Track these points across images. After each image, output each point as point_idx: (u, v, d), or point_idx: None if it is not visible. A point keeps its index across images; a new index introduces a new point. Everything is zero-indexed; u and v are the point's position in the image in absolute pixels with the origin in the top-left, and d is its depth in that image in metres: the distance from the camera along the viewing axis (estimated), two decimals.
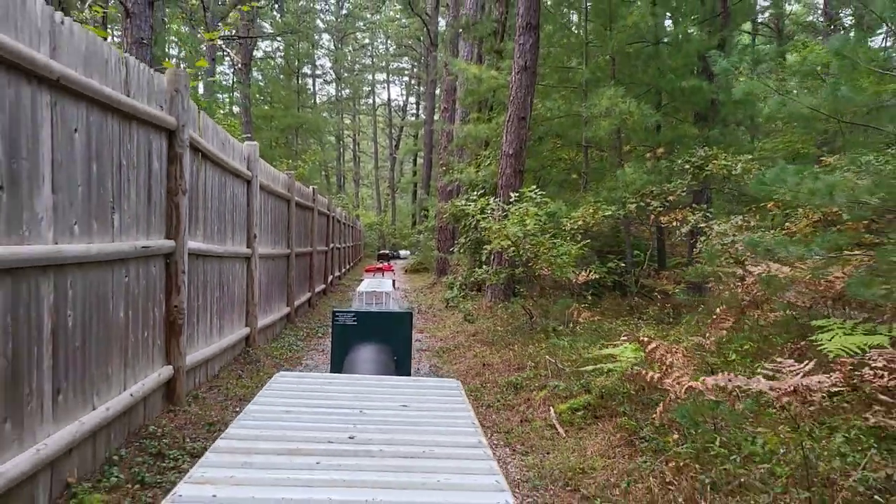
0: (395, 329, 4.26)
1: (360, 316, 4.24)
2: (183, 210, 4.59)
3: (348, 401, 2.27)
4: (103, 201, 3.49)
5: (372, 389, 2.45)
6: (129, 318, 3.84)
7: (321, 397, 2.31)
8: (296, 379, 2.59)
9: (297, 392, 2.38)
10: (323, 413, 2.10)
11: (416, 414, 2.15)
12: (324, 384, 2.51)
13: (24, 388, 2.74)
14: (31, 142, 2.78)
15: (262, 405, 2.18)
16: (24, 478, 2.65)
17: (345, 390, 2.43)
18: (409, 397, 2.35)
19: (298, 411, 2.11)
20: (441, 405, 2.28)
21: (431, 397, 2.38)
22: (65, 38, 3.08)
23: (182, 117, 4.55)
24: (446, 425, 2.03)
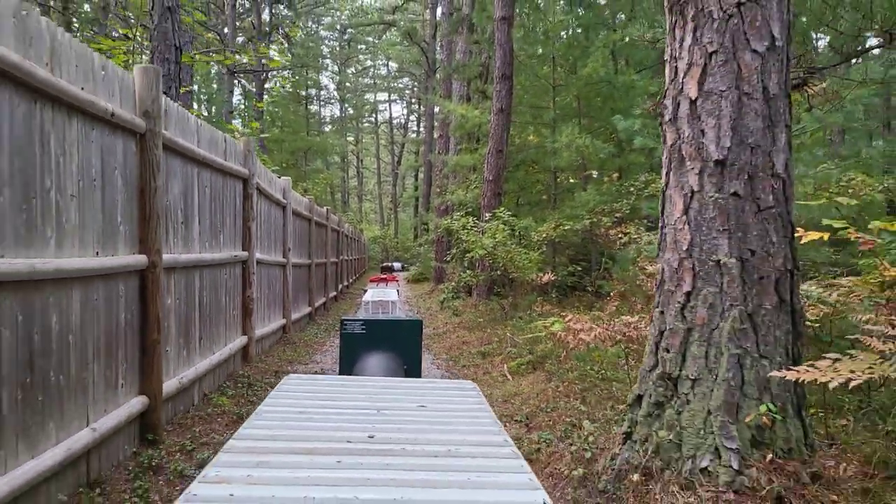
0: (404, 337, 4.19)
1: (368, 324, 4.19)
2: (254, 231, 6.83)
3: (363, 401, 2.21)
4: (216, 228, 5.72)
5: (387, 390, 2.39)
6: (226, 301, 6.06)
7: (335, 398, 2.26)
8: (307, 381, 2.54)
9: (310, 393, 2.32)
10: (338, 413, 2.04)
11: (435, 414, 2.09)
12: (336, 386, 2.47)
13: (190, 333, 4.96)
14: (191, 197, 5.01)
15: (273, 406, 2.13)
16: (189, 384, 4.86)
17: (359, 391, 2.37)
18: (425, 398, 2.29)
19: (313, 412, 2.05)
20: (459, 405, 2.22)
21: (448, 398, 2.32)
22: (205, 133, 5.32)
23: (252, 169, 6.79)
24: (467, 424, 1.97)
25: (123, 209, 3.80)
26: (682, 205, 2.93)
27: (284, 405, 2.13)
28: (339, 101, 50.67)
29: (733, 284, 2.76)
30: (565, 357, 6.09)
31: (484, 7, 14.37)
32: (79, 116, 3.29)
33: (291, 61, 28.67)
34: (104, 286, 3.54)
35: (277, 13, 30.73)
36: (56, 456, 2.95)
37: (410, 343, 4.22)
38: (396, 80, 51.78)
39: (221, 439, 4.28)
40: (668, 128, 3.04)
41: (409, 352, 4.19)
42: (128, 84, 3.92)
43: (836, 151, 7.42)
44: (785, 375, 2.42)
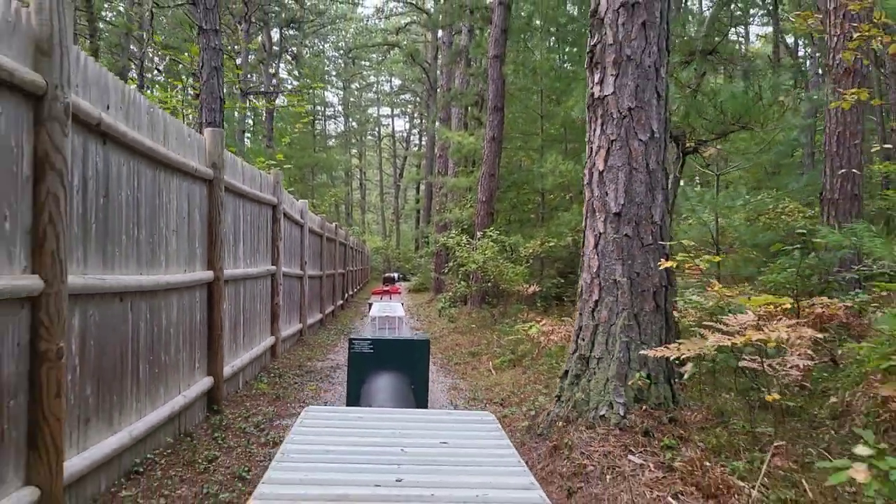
0: (412, 357, 4.22)
1: (376, 344, 4.23)
2: (281, 249, 8.23)
3: (386, 437, 2.23)
4: (254, 247, 7.11)
5: (407, 424, 2.40)
6: (260, 307, 7.44)
7: (358, 434, 2.28)
8: (327, 413, 2.56)
9: (332, 429, 2.34)
10: (364, 453, 2.05)
11: (459, 451, 2.10)
12: (356, 419, 2.48)
13: (237, 332, 6.34)
14: (238, 224, 6.40)
15: (299, 444, 2.15)
16: (238, 371, 6.23)
17: (380, 426, 2.38)
18: (446, 433, 2.31)
19: (338, 451, 2.07)
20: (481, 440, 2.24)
21: (470, 433, 2.33)
22: (247, 171, 6.72)
23: (279, 197, 8.18)
24: (492, 464, 1.97)
25: (199, 237, 5.19)
26: (593, 241, 4.32)
27: (309, 443, 2.14)
28: (344, 115, 52.30)
29: (625, 295, 4.14)
30: (538, 354, 7.46)
31: (479, 43, 15.84)
32: (177, 174, 4.68)
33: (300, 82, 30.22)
34: (189, 294, 4.92)
35: (286, 34, 32.28)
36: (164, 411, 4.31)
37: (418, 362, 4.22)
38: (399, 95, 53.36)
39: (267, 410, 5.64)
40: (586, 189, 4.43)
41: (416, 371, 4.20)
42: (202, 144, 5.32)
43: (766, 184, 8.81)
44: (654, 354, 3.79)
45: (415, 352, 4.23)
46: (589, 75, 4.43)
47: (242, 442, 4.73)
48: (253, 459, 4.33)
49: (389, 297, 12.04)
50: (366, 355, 4.19)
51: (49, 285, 2.81)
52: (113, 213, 3.60)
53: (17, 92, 2.69)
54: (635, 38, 4.18)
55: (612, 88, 4.24)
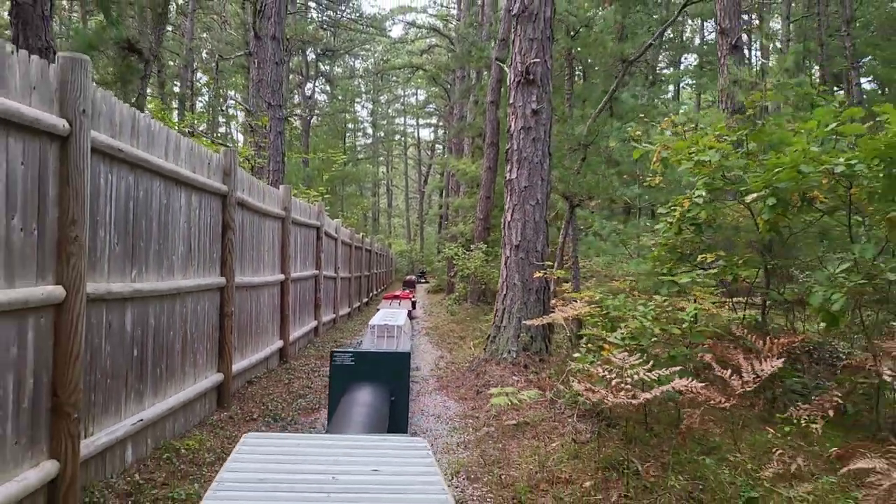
0: (392, 370, 4.29)
1: (357, 356, 4.31)
2: (322, 258, 11.60)
3: (320, 465, 2.30)
4: (305, 258, 10.46)
5: (342, 451, 2.48)
6: (308, 299, 10.81)
7: (293, 461, 2.33)
8: (266, 441, 2.60)
9: (269, 456, 2.39)
10: (297, 482, 2.12)
11: (388, 479, 2.19)
12: (294, 446, 2.53)
13: (296, 316, 9.71)
14: (296, 244, 9.78)
15: (235, 472, 2.20)
16: (293, 340, 9.60)
17: (316, 452, 2.45)
18: (379, 458, 2.40)
19: (272, 479, 2.14)
20: (411, 468, 2.33)
21: (402, 459, 2.43)
22: (303, 205, 10.09)
23: (322, 221, 11.54)
24: (418, 492, 2.09)
25: (277, 254, 8.55)
26: (504, 261, 7.60)
27: (245, 470, 2.20)
28: (372, 125, 55.95)
29: (519, 291, 7.40)
30: None
31: (482, 87, 19.15)
32: (268, 217, 8.04)
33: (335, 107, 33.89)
34: (270, 289, 8.28)
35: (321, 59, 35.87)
36: (262, 355, 7.65)
37: (398, 375, 4.29)
38: (424, 107, 56.80)
39: (314, 364, 8.97)
40: (503, 231, 7.70)
41: (397, 383, 4.27)
42: (279, 195, 8.68)
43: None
44: (532, 323, 7.03)
45: (395, 365, 4.36)
46: (506, 166, 7.72)
47: (303, 375, 8.08)
48: (310, 381, 7.66)
49: (399, 301, 12.54)
50: (347, 367, 4.32)
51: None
52: (245, 245, 6.96)
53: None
54: (529, 147, 7.47)
55: (516, 175, 7.54)
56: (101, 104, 3.82)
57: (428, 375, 8.19)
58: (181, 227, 5.16)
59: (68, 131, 3.38)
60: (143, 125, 4.42)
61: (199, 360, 5.60)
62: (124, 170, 4.13)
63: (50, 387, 3.33)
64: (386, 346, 7.55)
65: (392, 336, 7.76)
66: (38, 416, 3.24)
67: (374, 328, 7.90)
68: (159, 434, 4.72)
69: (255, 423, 5.70)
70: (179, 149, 5.08)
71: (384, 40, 45.56)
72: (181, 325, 5.17)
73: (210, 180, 5.74)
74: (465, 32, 19.95)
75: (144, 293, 4.38)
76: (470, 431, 5.57)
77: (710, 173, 5.34)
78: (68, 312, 3.39)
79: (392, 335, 7.75)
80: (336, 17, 31.13)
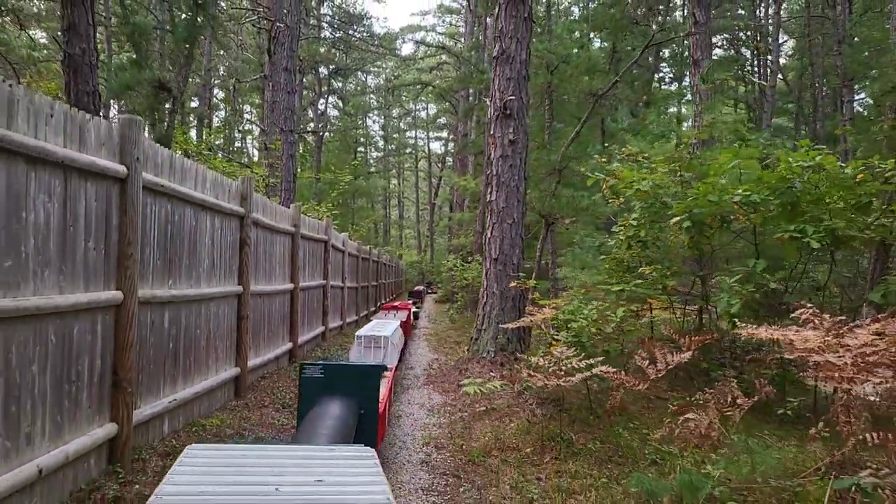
0: (362, 383, 4.31)
1: (327, 369, 4.32)
2: (329, 269, 12.70)
3: (264, 476, 2.28)
4: (313, 268, 11.56)
5: (287, 462, 2.46)
6: (315, 306, 11.90)
7: (236, 473, 2.31)
8: (210, 452, 2.55)
9: (212, 468, 2.36)
10: (238, 494, 2.10)
11: (332, 489, 2.18)
12: (237, 458, 2.49)
13: (304, 321, 10.81)
14: (304, 256, 10.89)
15: (175, 485, 2.16)
16: (302, 344, 10.69)
17: (260, 464, 2.43)
18: (325, 469, 2.39)
19: (213, 492, 2.11)
20: (356, 477, 2.33)
21: (347, 468, 2.42)
22: (312, 223, 11.20)
23: (329, 235, 12.64)
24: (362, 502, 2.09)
25: (287, 265, 9.65)
26: (485, 272, 8.65)
27: (185, 483, 2.18)
28: (384, 139, 57.27)
29: (497, 299, 8.44)
30: None
31: (483, 107, 20.27)
32: (278, 233, 9.14)
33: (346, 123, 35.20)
34: (282, 296, 9.37)
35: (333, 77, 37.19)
36: (273, 355, 8.74)
37: (369, 389, 4.29)
38: (434, 121, 58.04)
39: None
40: (484, 245, 8.74)
41: (366, 396, 4.28)
42: (289, 213, 9.78)
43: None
44: (508, 326, 8.06)
45: (366, 378, 4.33)
46: (486, 189, 8.78)
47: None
48: None
49: (395, 312, 12.45)
50: (316, 380, 4.29)
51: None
52: (260, 257, 8.06)
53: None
54: (506, 173, 8.54)
55: (495, 196, 8.61)
56: (148, 150, 4.93)
57: (420, 374, 9.23)
58: (206, 244, 6.26)
59: (126, 174, 4.49)
60: (178, 164, 5.53)
61: (220, 355, 6.69)
62: (164, 200, 5.24)
63: (112, 367, 4.42)
64: (373, 357, 7.55)
65: (379, 347, 7.66)
66: (103, 388, 4.33)
67: (362, 339, 7.85)
68: (189, 413, 5.81)
69: (267, 409, 6.77)
70: (206, 180, 6.20)
71: (395, 57, 46.95)
72: (206, 325, 6.26)
73: (230, 204, 6.85)
74: (467, 55, 21.12)
75: (178, 298, 5.47)
76: (445, 415, 6.62)
77: (646, 199, 6.36)
78: (125, 311, 4.48)
79: (379, 346, 7.66)
80: (347, 38, 32.43)
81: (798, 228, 5.13)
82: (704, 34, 12.08)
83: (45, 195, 3.66)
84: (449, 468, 4.91)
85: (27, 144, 3.42)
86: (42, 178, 3.62)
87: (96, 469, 4.24)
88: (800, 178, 5.32)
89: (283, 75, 13.42)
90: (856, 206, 5.16)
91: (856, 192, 5.15)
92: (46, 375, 3.68)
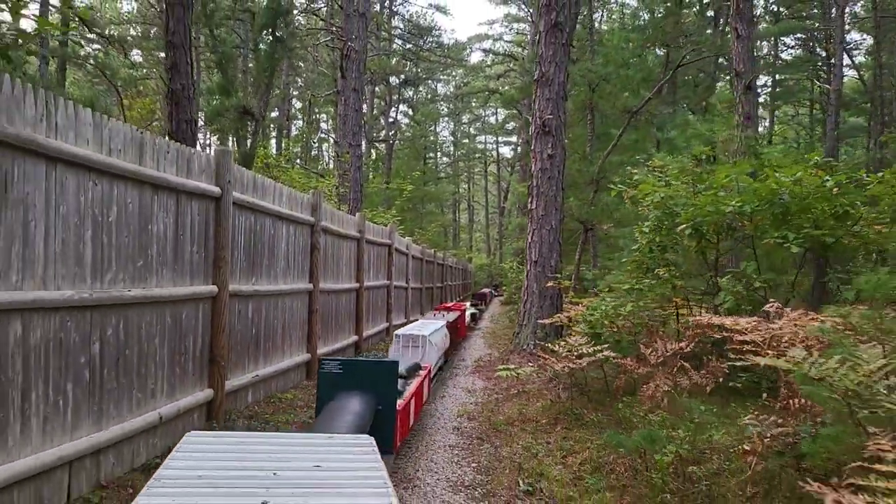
0: (379, 379, 4.35)
1: (345, 364, 4.39)
2: (392, 271, 13.91)
3: (261, 461, 2.30)
4: (377, 270, 12.77)
5: (286, 449, 2.49)
6: (380, 304, 13.10)
7: (234, 458, 2.33)
8: (209, 439, 2.59)
9: (209, 454, 2.37)
10: (235, 478, 2.12)
11: (330, 474, 2.21)
12: (236, 444, 2.52)
13: (369, 317, 12.02)
14: (369, 258, 12.11)
15: (173, 469, 2.19)
16: (366, 338, 11.89)
17: (258, 450, 2.45)
18: (323, 455, 2.42)
19: (211, 476, 2.13)
20: (355, 463, 2.35)
21: (345, 455, 2.44)
22: (376, 229, 12.42)
23: (393, 239, 13.84)
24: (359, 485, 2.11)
25: (353, 267, 10.87)
26: (526, 273, 9.61)
27: (183, 468, 2.20)
28: (453, 144, 58.66)
29: (536, 298, 9.38)
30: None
31: None
32: (347, 239, 10.37)
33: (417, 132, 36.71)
34: (348, 294, 10.59)
35: (403, 86, 38.72)
36: (341, 344, 9.95)
37: (386, 385, 4.33)
38: (502, 126, 58.98)
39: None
40: (526, 249, 9.70)
41: (384, 393, 4.32)
42: (355, 221, 11.01)
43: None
44: (545, 322, 9.00)
45: (382, 374, 4.35)
46: (528, 199, 9.74)
47: None
48: None
49: (446, 312, 12.44)
50: (335, 375, 4.34)
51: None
52: (328, 260, 9.29)
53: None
54: (545, 184, 9.48)
55: (535, 205, 9.57)
56: (236, 173, 6.17)
57: (470, 364, 10.25)
58: (282, 248, 7.50)
59: (220, 194, 5.72)
60: (259, 183, 6.77)
61: (294, 341, 7.93)
62: (248, 213, 6.48)
63: (209, 345, 5.66)
64: (411, 356, 7.59)
65: (417, 346, 7.73)
66: (203, 361, 5.57)
67: (400, 338, 7.94)
68: (268, 387, 7.05)
69: None
70: (282, 195, 7.44)
71: (465, 64, 48.22)
72: (282, 316, 7.50)
73: (302, 215, 8.09)
74: (528, 66, 22.02)
75: (260, 292, 6.71)
76: (482, 396, 7.65)
77: (660, 208, 7.21)
78: (219, 301, 5.72)
79: (417, 345, 7.73)
80: (417, 49, 33.86)
81: (781, 235, 5.89)
82: (746, 47, 12.65)
83: (164, 212, 4.91)
84: (475, 433, 5.93)
85: (153, 176, 4.67)
86: (161, 199, 4.87)
87: (199, 423, 5.49)
88: (788, 190, 6.07)
89: (352, 95, 14.75)
90: (834, 216, 5.88)
91: (833, 203, 5.86)
92: (164, 348, 4.93)
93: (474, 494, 4.38)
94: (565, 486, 4.43)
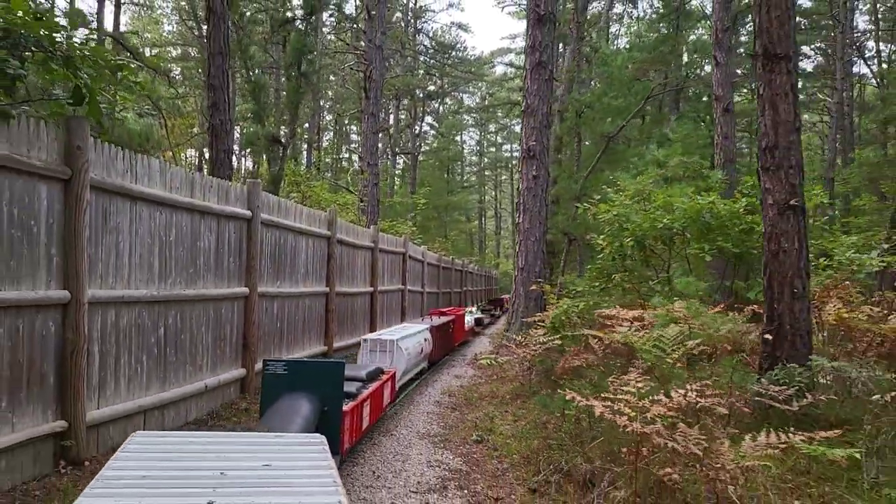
0: (325, 380, 4.29)
1: (290, 365, 4.32)
2: (407, 277, 15.47)
3: (209, 461, 2.25)
4: (392, 275, 14.34)
5: (234, 448, 2.44)
6: (394, 307, 14.66)
7: (180, 458, 2.27)
8: (154, 439, 2.52)
9: (155, 454, 2.32)
10: (181, 478, 2.07)
11: (279, 473, 2.18)
12: (183, 444, 2.46)
13: (383, 318, 13.60)
14: (383, 266, 13.70)
15: (116, 470, 2.11)
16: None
17: (206, 450, 2.39)
18: (272, 454, 2.38)
19: (155, 476, 2.08)
20: (304, 462, 2.32)
21: (295, 454, 2.41)
22: (390, 239, 14.01)
23: (406, 248, 15.40)
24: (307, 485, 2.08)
25: (368, 273, 12.44)
26: (514, 279, 11.08)
27: (127, 468, 2.14)
28: (478, 153, 60.26)
29: (522, 300, 10.84)
30: None
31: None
32: (361, 249, 11.95)
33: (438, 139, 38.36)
34: (363, 297, 12.16)
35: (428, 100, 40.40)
36: (353, 341, 11.51)
37: (331, 386, 4.27)
38: None
39: None
40: (514, 256, 11.16)
41: (329, 394, 4.26)
42: (369, 233, 12.59)
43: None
44: (527, 320, 10.45)
45: (327, 375, 4.31)
46: (516, 214, 11.21)
47: None
48: None
49: (438, 317, 12.32)
50: (279, 376, 4.27)
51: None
52: (344, 267, 10.88)
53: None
54: (530, 202, 10.95)
55: (522, 220, 11.04)
56: (264, 199, 7.78)
57: (468, 358, 11.74)
58: (302, 258, 9.10)
59: (251, 216, 7.33)
60: (282, 205, 8.39)
61: (312, 336, 9.53)
62: (273, 229, 8.08)
63: (243, 334, 7.26)
64: (378, 361, 7.40)
65: (385, 351, 7.56)
66: (238, 346, 7.17)
67: (367, 342, 7.83)
68: None
69: None
70: (302, 214, 9.05)
71: (488, 77, 49.80)
72: (302, 314, 9.09)
73: (320, 229, 9.69)
74: None
75: (283, 294, 8.31)
76: (466, 380, 9.15)
77: (613, 223, 8.65)
78: (250, 300, 7.32)
79: (385, 349, 7.57)
80: (441, 65, 35.53)
81: (699, 246, 7.28)
82: (724, 73, 13.97)
83: (209, 231, 6.53)
84: (450, 405, 7.45)
85: (201, 205, 6.29)
86: (207, 222, 6.49)
87: (234, 394, 7.09)
88: (708, 211, 7.48)
89: (370, 120, 16.38)
90: (742, 231, 7.26)
91: (742, 220, 7.25)
92: (209, 334, 6.54)
93: (435, 441, 5.89)
94: (507, 438, 5.92)
